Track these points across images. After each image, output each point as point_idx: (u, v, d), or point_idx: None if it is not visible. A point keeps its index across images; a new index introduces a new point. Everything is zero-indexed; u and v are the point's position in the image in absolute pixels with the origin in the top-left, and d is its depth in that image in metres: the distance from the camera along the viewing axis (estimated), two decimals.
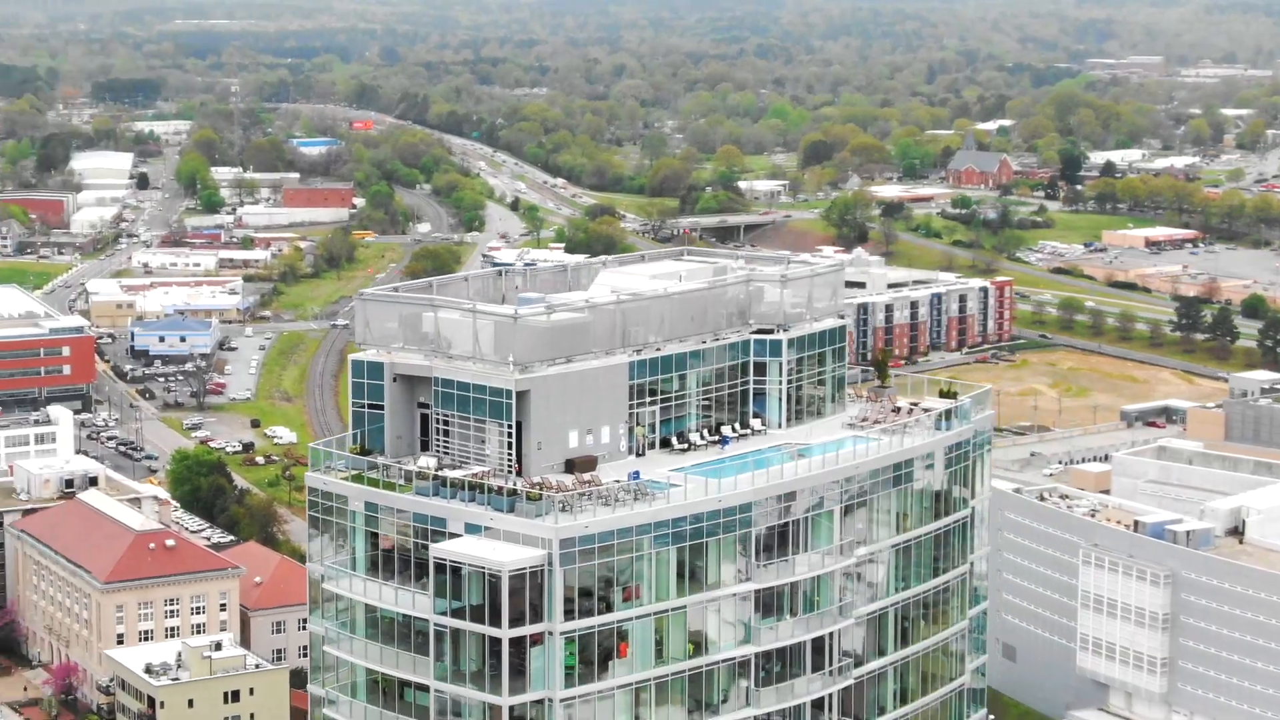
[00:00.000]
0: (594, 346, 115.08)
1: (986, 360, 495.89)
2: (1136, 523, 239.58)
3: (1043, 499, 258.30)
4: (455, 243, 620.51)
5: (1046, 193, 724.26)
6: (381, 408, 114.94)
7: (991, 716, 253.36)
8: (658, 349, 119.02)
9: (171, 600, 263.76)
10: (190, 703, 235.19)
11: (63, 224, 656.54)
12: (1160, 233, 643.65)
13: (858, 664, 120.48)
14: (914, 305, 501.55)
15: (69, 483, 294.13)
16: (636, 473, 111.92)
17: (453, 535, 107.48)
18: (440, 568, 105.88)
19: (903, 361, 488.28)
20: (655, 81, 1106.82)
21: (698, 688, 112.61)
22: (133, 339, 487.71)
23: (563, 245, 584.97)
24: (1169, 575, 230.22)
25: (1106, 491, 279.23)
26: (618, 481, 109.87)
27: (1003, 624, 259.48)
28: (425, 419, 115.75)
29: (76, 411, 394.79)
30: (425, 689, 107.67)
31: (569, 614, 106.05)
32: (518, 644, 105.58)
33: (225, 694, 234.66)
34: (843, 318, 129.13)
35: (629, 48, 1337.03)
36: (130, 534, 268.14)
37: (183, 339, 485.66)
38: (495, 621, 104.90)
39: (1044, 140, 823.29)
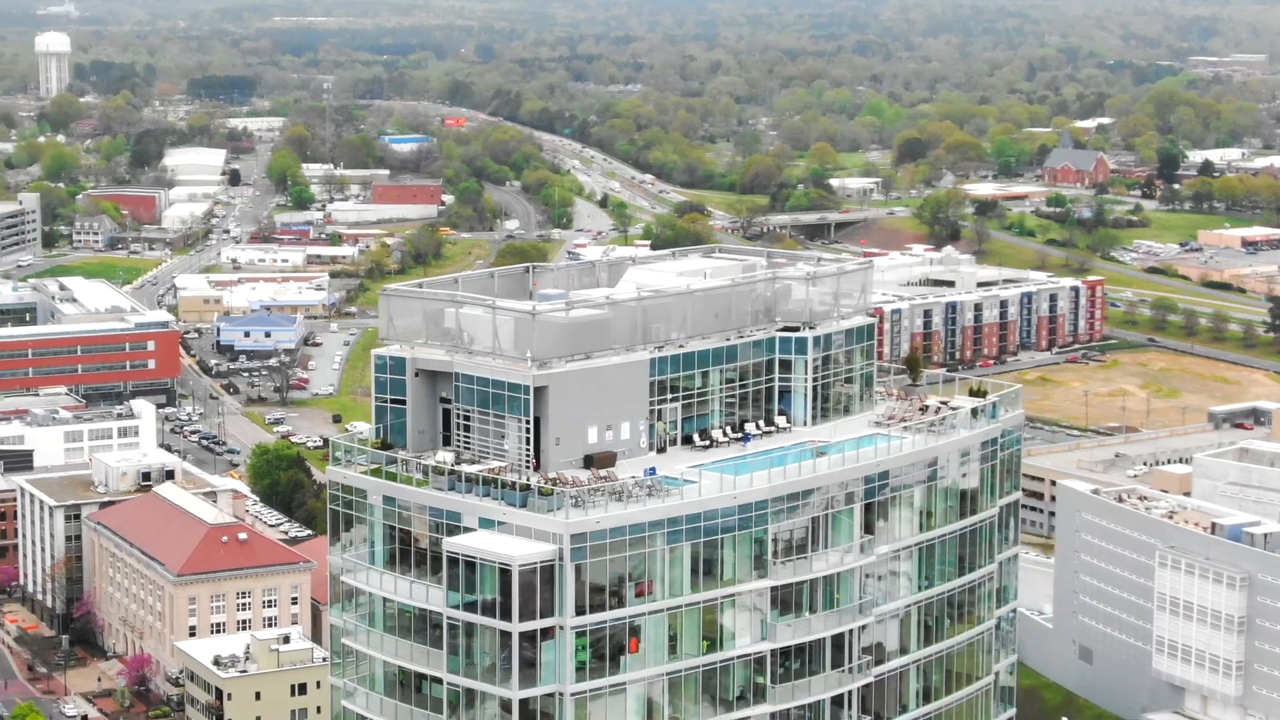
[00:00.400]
0: (614, 343, 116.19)
1: (1076, 360, 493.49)
2: (1214, 525, 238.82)
3: (1121, 500, 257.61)
4: (542, 239, 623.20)
5: (1143, 191, 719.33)
6: (403, 403, 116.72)
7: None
8: (680, 346, 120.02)
9: (243, 593, 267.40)
10: (258, 695, 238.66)
11: (154, 220, 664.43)
12: (1257, 233, 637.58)
13: (879, 662, 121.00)
14: (1003, 304, 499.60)
15: (146, 476, 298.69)
16: (653, 469, 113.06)
17: (467, 530, 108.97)
18: (453, 561, 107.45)
19: (991, 361, 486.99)
20: (751, 78, 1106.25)
21: (712, 684, 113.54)
22: (218, 334, 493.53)
23: (649, 242, 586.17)
24: (1245, 578, 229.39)
25: (1188, 493, 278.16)
26: (633, 477, 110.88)
27: (1079, 626, 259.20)
28: (447, 414, 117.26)
29: (160, 406, 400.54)
30: (440, 682, 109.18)
31: (580, 609, 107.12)
32: (530, 638, 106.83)
33: (292, 686, 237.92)
34: (872, 316, 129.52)
35: (726, 44, 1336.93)
36: (203, 527, 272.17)
37: (267, 334, 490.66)
38: (507, 616, 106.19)
39: (1142, 139, 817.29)
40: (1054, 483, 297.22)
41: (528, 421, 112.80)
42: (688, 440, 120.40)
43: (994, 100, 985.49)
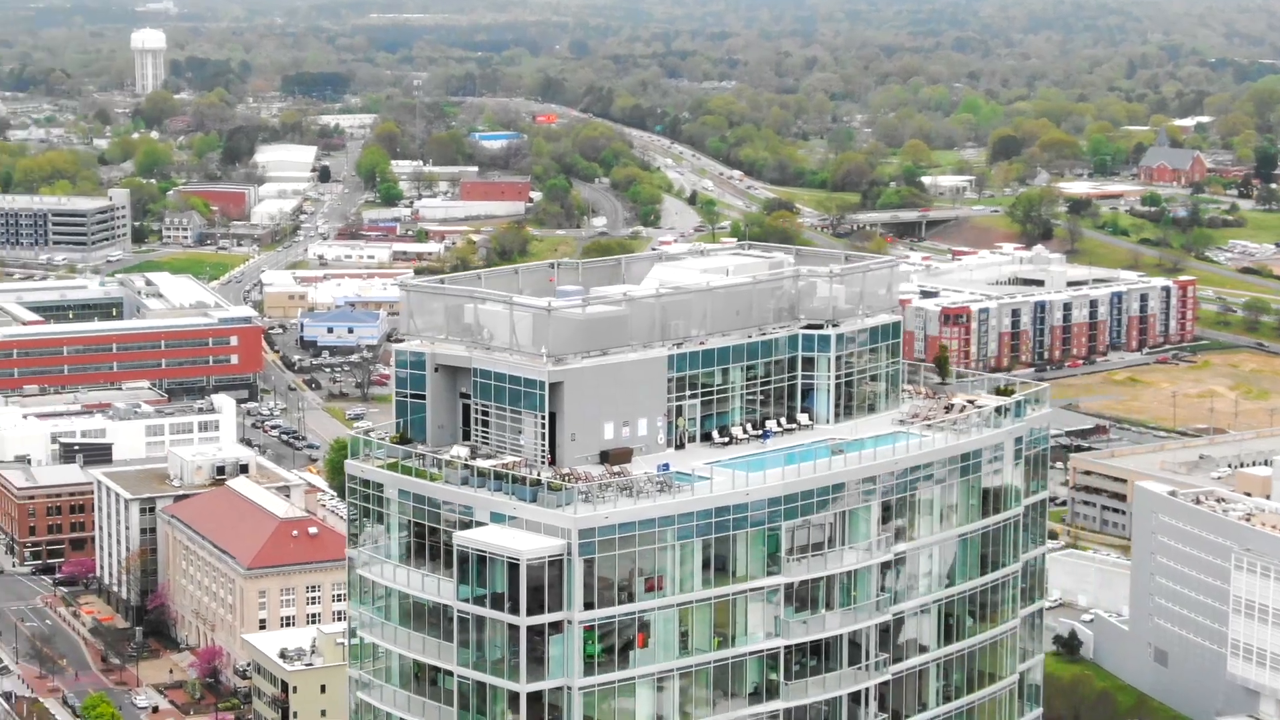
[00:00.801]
0: (631, 339, 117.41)
1: (1166, 361, 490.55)
2: None
3: (1198, 503, 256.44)
4: (628, 237, 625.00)
5: (1240, 191, 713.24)
6: (423, 398, 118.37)
7: None
8: (701, 342, 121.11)
9: (313, 587, 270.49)
10: (322, 688, 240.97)
11: (243, 216, 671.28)
12: None
13: (897, 660, 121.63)
14: (1093, 304, 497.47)
15: (220, 470, 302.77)
16: (665, 464, 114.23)
17: (479, 524, 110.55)
18: (463, 556, 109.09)
19: (1080, 361, 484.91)
20: (846, 75, 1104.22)
21: (725, 680, 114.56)
22: (302, 330, 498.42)
23: (734, 240, 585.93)
24: None
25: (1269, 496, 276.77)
26: (645, 473, 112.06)
27: (1155, 628, 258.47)
28: (467, 409, 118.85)
29: (241, 401, 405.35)
30: (450, 675, 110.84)
31: (589, 604, 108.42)
32: (539, 632, 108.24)
33: None
34: (898, 314, 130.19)
35: (823, 40, 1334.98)
36: (274, 521, 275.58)
37: (350, 330, 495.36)
38: (515, 609, 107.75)
39: (1240, 138, 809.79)
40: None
41: (543, 417, 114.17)
42: (707, 437, 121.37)
43: (1092, 98, 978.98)
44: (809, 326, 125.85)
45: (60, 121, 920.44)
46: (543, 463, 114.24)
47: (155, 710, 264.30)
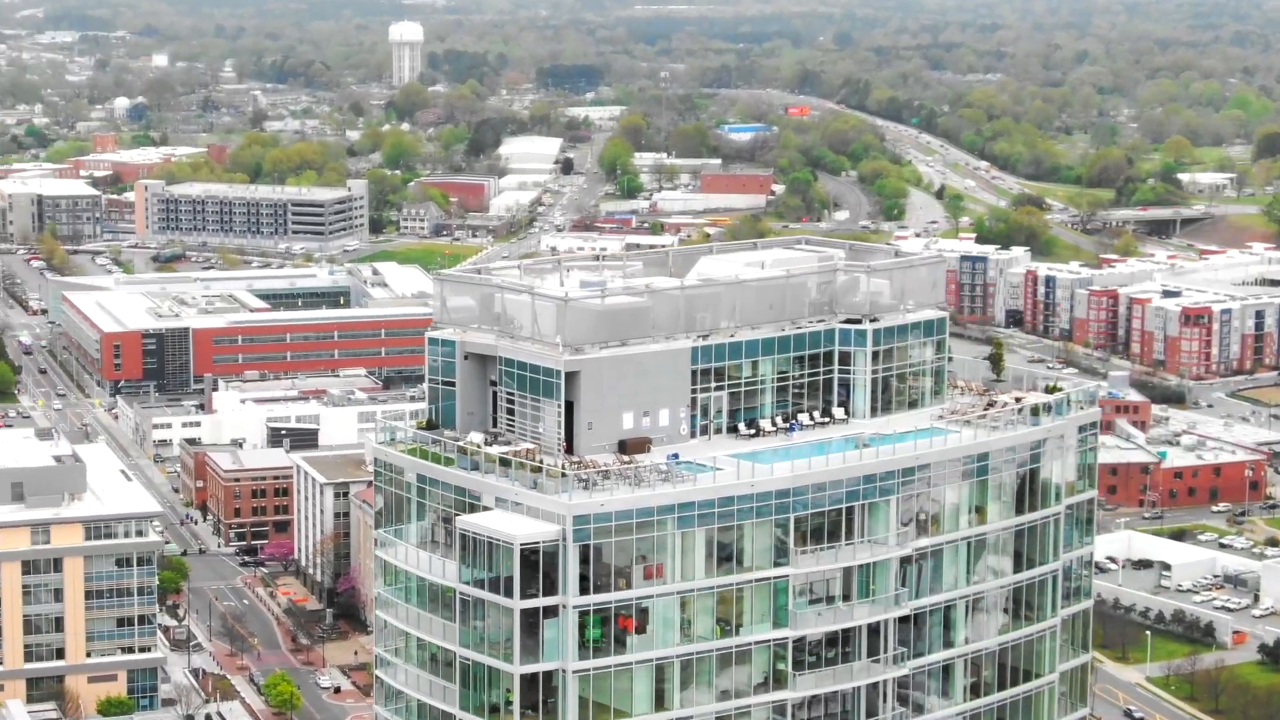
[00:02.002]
0: (653, 331, 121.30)
1: None
2: None
3: None
4: (867, 230, 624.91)
5: None
6: (454, 384, 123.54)
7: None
8: (731, 335, 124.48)
9: None
10: None
11: (481, 207, 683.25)
12: None
13: (919, 654, 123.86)
14: None
15: None
16: (675, 454, 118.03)
17: (486, 509, 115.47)
18: (465, 539, 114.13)
19: None
20: (1116, 68, 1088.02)
21: (728, 669, 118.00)
22: None
23: (974, 235, 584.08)
24: None
25: None
26: (650, 462, 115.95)
27: None
28: (496, 397, 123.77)
29: None
30: (454, 655, 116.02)
31: (585, 589, 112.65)
32: (537, 615, 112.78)
33: None
34: (944, 310, 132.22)
35: (1097, 33, 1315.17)
36: None
37: None
38: (510, 593, 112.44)
39: None
40: None
41: (560, 406, 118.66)
42: (734, 429, 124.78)
43: None
44: (848, 321, 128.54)
45: (315, 114, 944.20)
46: (560, 451, 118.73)
47: (337, 690, 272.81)
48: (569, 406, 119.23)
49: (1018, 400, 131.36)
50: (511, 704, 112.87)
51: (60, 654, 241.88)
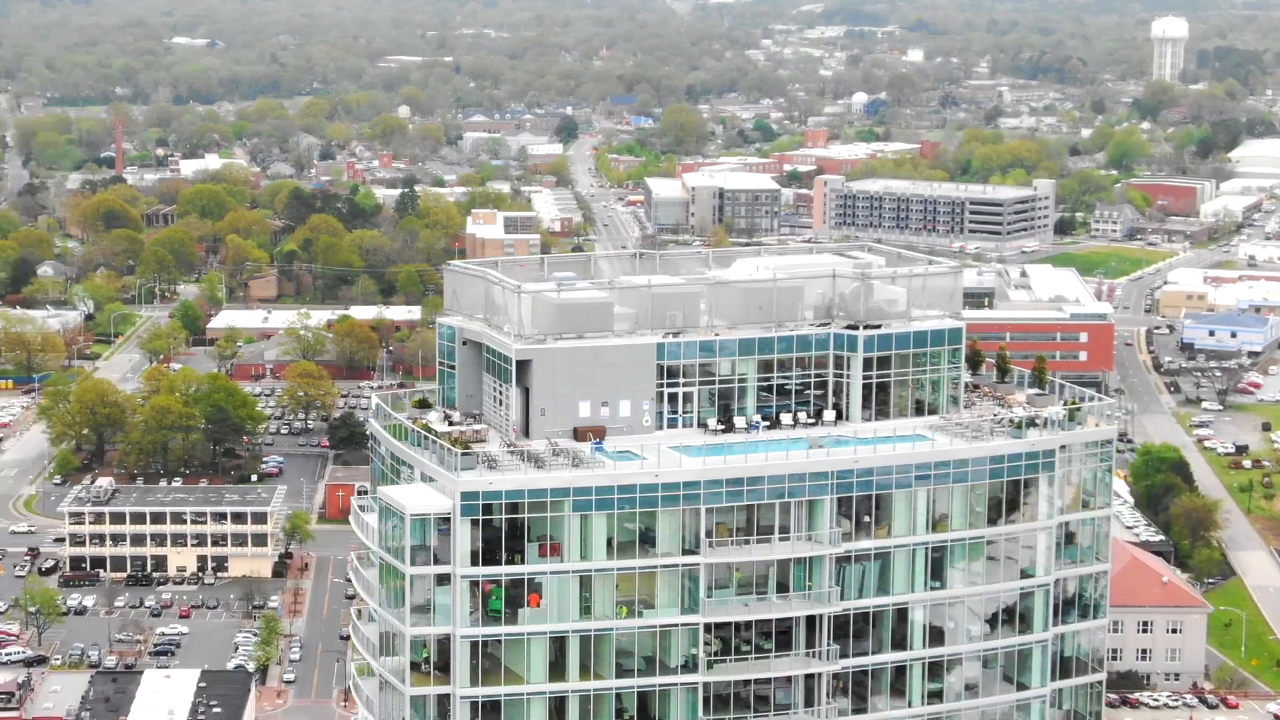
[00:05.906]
0: (616, 326, 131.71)
1: None
2: None
3: None
4: None
5: None
6: (454, 367, 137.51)
7: None
8: (716, 334, 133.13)
9: None
10: None
11: (1189, 211, 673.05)
12: None
13: (860, 654, 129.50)
14: None
15: None
16: (599, 443, 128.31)
17: (414, 481, 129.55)
18: (381, 508, 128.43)
19: None
20: None
21: (631, 649, 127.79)
22: (1183, 331, 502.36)
23: None
24: None
25: None
26: (554, 446, 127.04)
27: None
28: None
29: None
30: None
31: (475, 560, 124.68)
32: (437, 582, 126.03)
33: None
34: (959, 320, 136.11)
35: None
36: None
37: (1234, 334, 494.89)
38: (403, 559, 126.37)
39: None
40: None
41: (517, 392, 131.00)
42: (704, 424, 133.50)
43: None
44: (849, 327, 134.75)
45: (1056, 110, 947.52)
46: (515, 434, 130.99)
47: None
48: (526, 393, 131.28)
49: (1018, 411, 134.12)
50: (427, 661, 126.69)
51: None
